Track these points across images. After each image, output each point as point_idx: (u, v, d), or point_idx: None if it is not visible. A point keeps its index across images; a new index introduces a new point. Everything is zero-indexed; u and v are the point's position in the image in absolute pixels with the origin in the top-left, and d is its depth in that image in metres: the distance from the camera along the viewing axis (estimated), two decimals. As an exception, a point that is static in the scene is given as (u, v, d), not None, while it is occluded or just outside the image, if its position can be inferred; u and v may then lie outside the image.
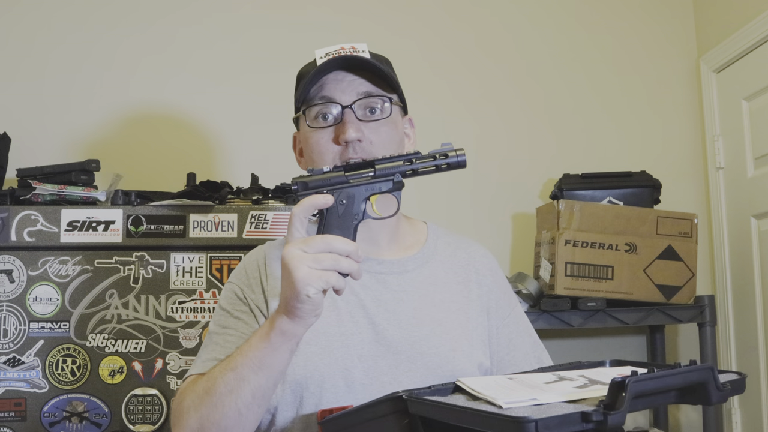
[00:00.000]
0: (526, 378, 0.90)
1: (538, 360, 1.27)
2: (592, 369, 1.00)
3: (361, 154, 1.14)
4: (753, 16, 2.37)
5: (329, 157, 1.16)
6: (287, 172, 2.06)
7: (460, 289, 1.25)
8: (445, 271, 1.26)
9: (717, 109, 2.61)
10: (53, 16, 2.46)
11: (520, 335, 1.28)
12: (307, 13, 2.55)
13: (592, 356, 2.56)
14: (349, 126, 1.14)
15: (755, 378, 2.38)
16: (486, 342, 1.23)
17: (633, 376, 0.76)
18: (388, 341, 1.15)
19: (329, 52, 1.17)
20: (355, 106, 1.16)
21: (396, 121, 1.21)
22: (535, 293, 2.21)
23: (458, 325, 1.21)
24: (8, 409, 1.84)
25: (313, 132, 1.18)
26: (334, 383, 1.12)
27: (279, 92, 2.52)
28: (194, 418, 1.02)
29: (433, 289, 1.23)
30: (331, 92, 1.17)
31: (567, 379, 0.89)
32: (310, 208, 0.99)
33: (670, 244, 2.23)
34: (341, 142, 1.14)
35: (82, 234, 1.89)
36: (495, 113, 2.62)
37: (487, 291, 1.27)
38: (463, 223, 2.53)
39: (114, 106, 2.44)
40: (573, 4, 2.71)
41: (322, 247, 0.95)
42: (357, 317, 1.17)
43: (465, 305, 1.24)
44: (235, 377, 1.00)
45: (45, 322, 1.88)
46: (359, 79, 1.17)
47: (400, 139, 1.23)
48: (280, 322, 0.98)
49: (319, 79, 1.17)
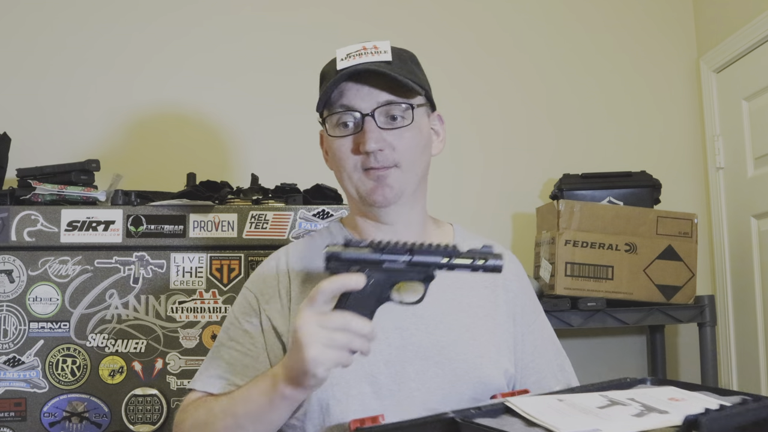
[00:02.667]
0: (575, 400, 0.87)
1: (561, 368, 1.27)
2: (637, 389, 0.97)
3: (383, 162, 1.14)
4: (753, 16, 2.37)
5: (351, 163, 1.15)
6: (287, 172, 2.07)
7: (487, 294, 1.23)
8: (472, 275, 1.25)
9: (717, 109, 2.61)
10: (54, 16, 2.45)
11: (545, 342, 1.28)
12: (309, 14, 2.55)
13: (592, 356, 2.56)
14: (369, 136, 1.12)
15: (755, 378, 2.38)
16: (512, 348, 1.22)
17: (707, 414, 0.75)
18: (415, 346, 1.14)
19: (350, 53, 1.15)
20: (375, 114, 1.14)
21: (420, 126, 1.19)
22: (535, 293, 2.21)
23: (486, 331, 1.19)
24: (8, 409, 1.84)
25: (334, 140, 1.17)
26: (360, 390, 1.11)
27: (279, 92, 2.53)
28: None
29: (460, 293, 1.21)
30: (351, 100, 1.14)
31: (619, 404, 0.86)
32: (340, 288, 0.96)
33: (670, 244, 2.23)
34: (362, 151, 1.13)
35: (82, 234, 1.89)
36: (495, 113, 2.62)
37: (514, 296, 1.26)
38: (464, 223, 2.52)
39: (114, 107, 2.44)
40: (573, 4, 2.71)
41: (340, 325, 0.93)
42: (383, 322, 1.14)
43: (492, 310, 1.22)
44: (234, 424, 1.03)
45: (45, 322, 1.88)
46: (381, 83, 1.15)
47: (426, 143, 1.21)
48: (283, 388, 0.98)
49: (339, 84, 1.15)
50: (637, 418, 0.80)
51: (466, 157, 2.57)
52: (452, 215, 2.49)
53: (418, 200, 1.24)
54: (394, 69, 1.14)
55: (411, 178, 1.18)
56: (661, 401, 0.86)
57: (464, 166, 2.57)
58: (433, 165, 1.25)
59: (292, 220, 1.94)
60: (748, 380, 2.42)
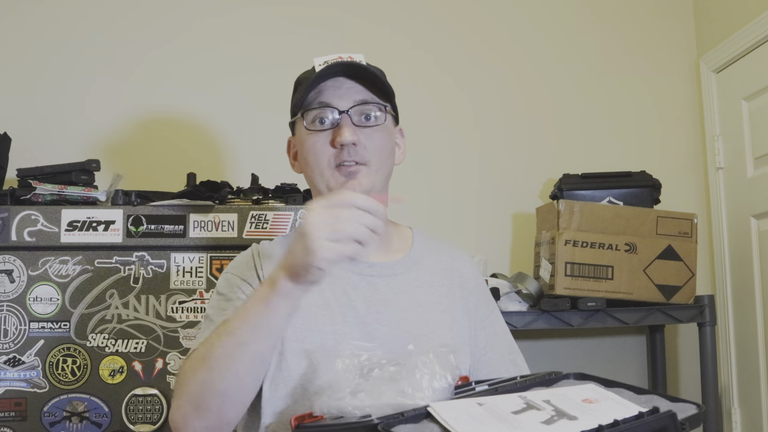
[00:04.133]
0: (495, 404, 0.92)
1: (513, 363, 1.32)
2: (557, 388, 1.01)
3: (355, 157, 1.19)
4: (753, 16, 2.37)
5: (324, 158, 1.20)
6: (287, 172, 2.06)
7: (444, 292, 1.29)
8: (430, 274, 1.30)
9: (717, 109, 2.61)
10: (53, 17, 2.46)
11: (497, 338, 1.33)
12: (309, 14, 2.55)
13: (592, 356, 2.57)
14: (346, 130, 1.18)
15: (755, 378, 2.38)
16: (468, 343, 1.28)
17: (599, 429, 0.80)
18: (380, 341, 1.17)
19: (327, 60, 1.22)
20: (351, 111, 1.20)
21: (390, 130, 1.26)
22: (535, 293, 2.21)
23: (445, 327, 1.25)
24: (8, 409, 1.85)
25: (310, 135, 1.21)
26: (327, 380, 1.12)
27: (279, 92, 2.52)
28: (193, 384, 1.03)
29: (420, 291, 1.27)
30: (329, 98, 1.20)
31: (534, 407, 0.91)
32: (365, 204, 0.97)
33: (670, 244, 2.23)
34: (337, 144, 1.18)
35: (83, 234, 1.89)
36: (495, 113, 2.62)
37: (468, 293, 1.32)
38: (464, 223, 2.54)
39: (114, 107, 2.44)
40: (573, 4, 2.71)
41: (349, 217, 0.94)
42: (348, 317, 1.20)
43: (450, 307, 1.28)
44: (232, 342, 1.01)
45: (45, 322, 1.88)
46: (357, 86, 1.22)
47: (392, 148, 1.27)
48: (283, 284, 0.98)
49: (317, 84, 1.20)
50: (545, 425, 0.85)
51: (467, 157, 2.57)
52: (452, 215, 2.52)
53: None
54: (368, 73, 1.21)
55: (378, 178, 1.22)
56: (574, 404, 0.91)
57: (464, 167, 2.57)
58: (433, 165, 1.27)
59: (292, 220, 1.94)
60: (747, 380, 2.42)
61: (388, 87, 1.24)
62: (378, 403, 0.91)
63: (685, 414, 0.90)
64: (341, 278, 1.23)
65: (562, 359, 2.53)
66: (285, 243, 1.31)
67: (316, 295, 1.21)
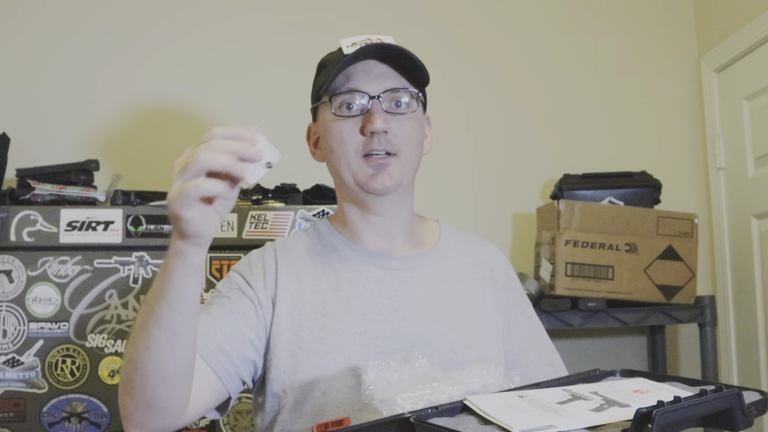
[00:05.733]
0: (537, 396, 0.86)
1: (550, 362, 1.26)
2: (603, 382, 0.96)
3: (385, 146, 1.13)
4: (754, 15, 2.36)
5: (352, 147, 1.14)
6: (287, 172, 2.06)
7: (474, 286, 1.24)
8: (459, 267, 1.25)
9: (717, 108, 2.60)
10: (55, 16, 2.45)
11: (533, 336, 1.27)
12: (311, 15, 2.55)
13: (592, 356, 2.56)
14: (377, 117, 1.12)
15: (755, 378, 2.38)
16: (500, 339, 1.22)
17: (660, 407, 0.71)
18: (403, 338, 1.13)
19: (356, 42, 1.15)
20: (382, 97, 1.14)
21: (420, 118, 1.20)
22: (535, 293, 2.21)
23: (473, 322, 1.20)
24: (7, 410, 1.84)
25: (337, 121, 1.15)
26: (346, 382, 1.10)
27: (280, 92, 2.53)
28: (123, 359, 0.99)
29: (447, 285, 1.21)
30: (359, 83, 1.14)
31: (580, 398, 0.85)
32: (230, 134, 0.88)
33: (671, 244, 2.23)
34: (367, 132, 1.13)
35: (82, 234, 1.89)
36: (495, 113, 2.61)
37: (501, 288, 1.26)
38: (464, 223, 2.51)
39: (114, 106, 2.43)
40: (573, 4, 2.70)
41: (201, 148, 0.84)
42: (371, 314, 1.15)
43: (479, 302, 1.22)
44: (143, 311, 0.95)
45: (44, 322, 1.87)
46: (389, 71, 1.16)
47: (422, 137, 1.22)
48: (173, 243, 0.90)
49: (345, 68, 1.14)
50: (595, 412, 0.79)
51: (466, 157, 2.57)
52: (452, 215, 2.50)
53: (409, 193, 1.24)
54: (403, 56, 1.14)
55: (409, 169, 1.18)
56: (624, 394, 0.86)
57: (464, 166, 2.56)
58: (432, 165, 1.26)
59: (292, 220, 1.94)
60: (748, 380, 2.42)
61: (423, 72, 1.17)
62: None
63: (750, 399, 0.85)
64: (362, 272, 1.19)
65: (563, 359, 2.52)
66: (302, 236, 1.27)
67: (333, 292, 1.17)
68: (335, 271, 1.20)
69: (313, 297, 1.17)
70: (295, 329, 1.15)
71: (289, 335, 1.14)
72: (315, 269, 1.20)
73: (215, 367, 1.08)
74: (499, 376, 0.94)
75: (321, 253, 1.23)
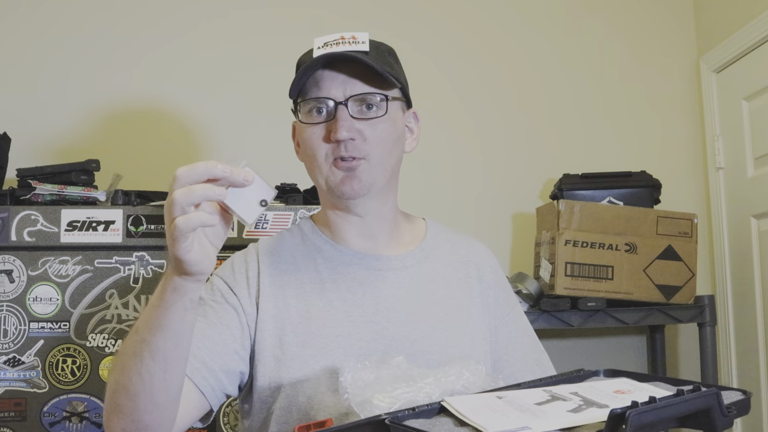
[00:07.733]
0: (517, 397, 0.85)
1: (538, 362, 1.25)
2: (585, 382, 0.96)
3: (352, 152, 1.12)
4: (753, 15, 2.36)
5: (322, 152, 1.14)
6: (287, 171, 2.06)
7: (460, 286, 1.23)
8: (445, 267, 1.24)
9: (717, 109, 2.60)
10: (53, 16, 2.45)
11: (519, 335, 1.26)
12: (308, 14, 2.55)
13: (592, 356, 2.57)
14: (341, 125, 1.11)
15: (755, 378, 2.38)
16: (487, 340, 1.21)
17: (633, 408, 0.70)
18: (387, 340, 1.13)
19: (328, 42, 1.14)
20: (349, 102, 1.12)
21: (394, 118, 1.17)
22: (535, 293, 2.21)
23: (459, 322, 1.19)
24: (8, 409, 1.84)
25: (306, 127, 1.15)
26: (331, 386, 1.09)
27: (279, 92, 2.52)
28: (110, 384, 0.99)
29: (433, 285, 1.20)
30: (326, 88, 1.13)
31: (560, 398, 0.84)
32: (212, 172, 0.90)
33: (670, 244, 2.23)
34: (332, 140, 1.12)
35: (82, 234, 1.89)
36: (495, 113, 2.62)
37: (487, 288, 1.25)
38: (464, 223, 2.53)
39: (114, 106, 2.44)
40: (573, 4, 2.71)
41: (186, 191, 0.87)
42: (354, 316, 1.14)
43: (466, 301, 1.21)
44: (136, 339, 0.95)
45: (45, 322, 1.88)
46: (359, 73, 1.14)
47: (398, 138, 1.19)
48: (171, 279, 0.92)
49: (314, 72, 1.13)
50: (572, 413, 0.78)
51: (466, 157, 2.57)
52: (452, 215, 2.51)
53: (389, 194, 1.22)
54: (370, 58, 1.12)
55: (380, 172, 1.16)
56: (605, 395, 0.85)
57: (464, 166, 2.57)
58: (432, 164, 1.25)
59: (292, 220, 1.94)
60: (748, 380, 2.42)
61: (391, 72, 1.14)
62: None
63: (731, 399, 0.84)
64: (346, 274, 1.18)
65: (562, 359, 2.53)
66: (286, 237, 1.27)
67: (317, 294, 1.16)
68: (319, 272, 1.20)
69: (296, 300, 1.17)
70: (278, 334, 1.14)
71: (273, 340, 1.14)
72: (298, 271, 1.20)
73: (199, 383, 1.08)
74: (481, 375, 0.94)
75: (304, 254, 1.23)
